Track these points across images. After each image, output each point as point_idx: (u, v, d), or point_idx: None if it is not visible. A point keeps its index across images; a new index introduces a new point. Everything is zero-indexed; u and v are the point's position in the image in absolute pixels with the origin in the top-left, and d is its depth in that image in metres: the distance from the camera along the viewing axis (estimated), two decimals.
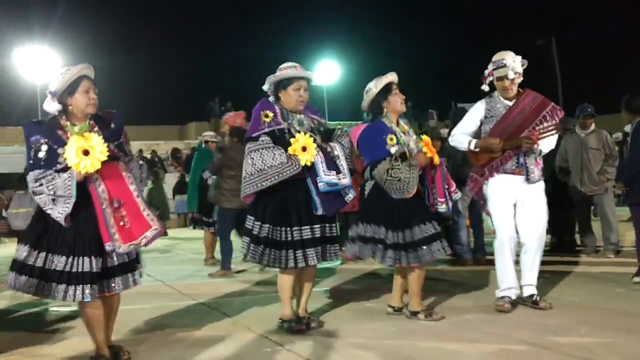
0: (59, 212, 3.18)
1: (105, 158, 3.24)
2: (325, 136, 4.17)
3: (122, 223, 3.28)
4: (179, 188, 15.50)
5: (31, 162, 3.27)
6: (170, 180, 18.62)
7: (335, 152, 4.00)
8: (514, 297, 4.42)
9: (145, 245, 3.35)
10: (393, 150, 4.12)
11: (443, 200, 4.16)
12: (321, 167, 3.88)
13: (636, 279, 5.18)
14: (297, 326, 4.00)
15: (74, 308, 3.59)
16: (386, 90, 4.28)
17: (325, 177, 3.87)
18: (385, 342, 3.74)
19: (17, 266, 3.27)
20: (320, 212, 3.92)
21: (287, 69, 4.02)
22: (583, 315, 4.14)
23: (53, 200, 3.19)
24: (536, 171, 4.47)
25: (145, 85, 27.31)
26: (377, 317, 4.30)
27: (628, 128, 5.70)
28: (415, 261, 4.08)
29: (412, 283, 4.23)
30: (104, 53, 22.49)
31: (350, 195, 4.03)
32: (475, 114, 4.61)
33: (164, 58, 28.50)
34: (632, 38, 25.46)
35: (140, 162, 3.52)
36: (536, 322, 4.00)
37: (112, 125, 3.51)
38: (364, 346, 3.68)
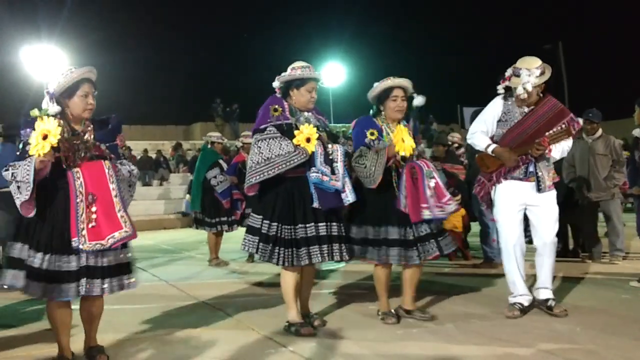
0: (21, 200, 3.13)
1: (54, 143, 3.12)
2: (329, 139, 4.19)
3: (90, 220, 3.19)
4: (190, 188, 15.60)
5: (17, 153, 3.26)
6: (174, 180, 18.72)
7: (335, 154, 4.01)
8: (526, 304, 4.37)
9: (112, 246, 3.23)
10: (374, 144, 4.10)
11: (426, 205, 4.04)
12: (319, 158, 3.93)
13: (633, 284, 5.21)
14: (305, 330, 3.97)
15: (73, 306, 3.56)
16: (385, 94, 4.26)
17: (321, 167, 3.91)
18: (390, 345, 3.71)
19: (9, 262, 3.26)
20: (316, 204, 3.91)
21: (300, 69, 4.08)
22: (589, 321, 4.11)
23: (18, 187, 3.13)
24: (547, 180, 4.36)
25: (151, 85, 27.29)
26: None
27: (637, 132, 5.60)
28: (362, 256, 4.19)
29: (406, 280, 4.33)
30: (110, 52, 22.48)
31: (349, 199, 3.99)
32: (493, 112, 4.46)
33: (170, 58, 28.50)
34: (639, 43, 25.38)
35: (133, 167, 3.48)
36: (543, 327, 3.97)
37: (109, 127, 3.50)
38: (368, 349, 3.66)
